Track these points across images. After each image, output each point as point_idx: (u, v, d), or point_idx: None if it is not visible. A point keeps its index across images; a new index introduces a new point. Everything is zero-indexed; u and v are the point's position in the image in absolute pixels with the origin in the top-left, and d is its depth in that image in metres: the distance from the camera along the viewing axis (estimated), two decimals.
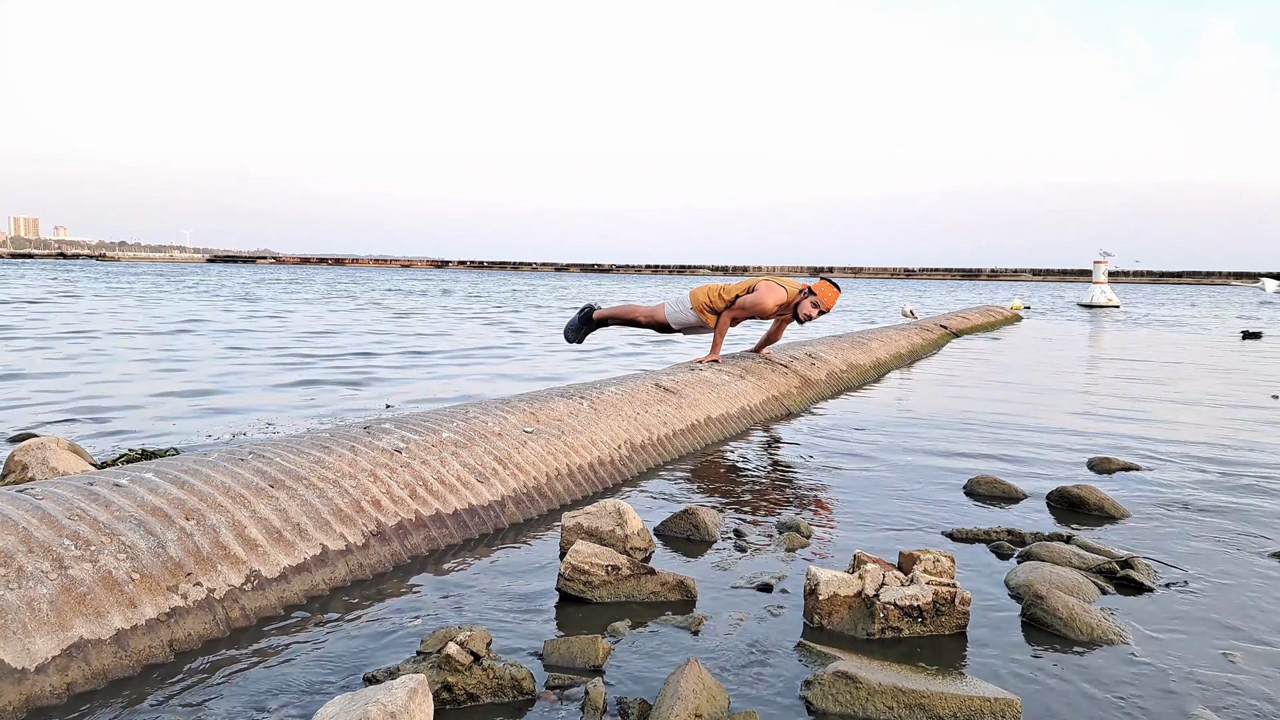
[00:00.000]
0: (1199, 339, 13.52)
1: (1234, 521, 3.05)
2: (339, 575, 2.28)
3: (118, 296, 19.79)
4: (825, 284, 5.44)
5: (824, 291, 5.41)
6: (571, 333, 5.80)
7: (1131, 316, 21.29)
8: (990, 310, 17.94)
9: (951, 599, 2.03)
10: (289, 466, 2.52)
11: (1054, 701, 1.74)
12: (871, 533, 2.86)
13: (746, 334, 10.64)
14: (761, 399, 5.23)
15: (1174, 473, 3.83)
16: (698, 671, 1.65)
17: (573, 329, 5.78)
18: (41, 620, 1.71)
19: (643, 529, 2.63)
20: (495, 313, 17.51)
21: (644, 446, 3.87)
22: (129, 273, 47.40)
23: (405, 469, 2.76)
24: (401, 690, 1.42)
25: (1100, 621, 2.06)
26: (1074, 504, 3.20)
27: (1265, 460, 4.13)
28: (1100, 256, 26.29)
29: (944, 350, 10.58)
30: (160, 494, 2.17)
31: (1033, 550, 2.62)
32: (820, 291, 5.41)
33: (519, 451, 3.21)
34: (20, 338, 9.43)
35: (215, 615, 1.98)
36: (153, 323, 12.17)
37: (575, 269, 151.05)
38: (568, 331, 5.82)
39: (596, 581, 2.22)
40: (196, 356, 8.12)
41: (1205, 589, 2.38)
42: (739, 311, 5.43)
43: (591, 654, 1.85)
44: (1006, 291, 45.66)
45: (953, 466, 3.90)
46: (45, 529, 1.90)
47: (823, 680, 1.71)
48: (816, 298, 5.37)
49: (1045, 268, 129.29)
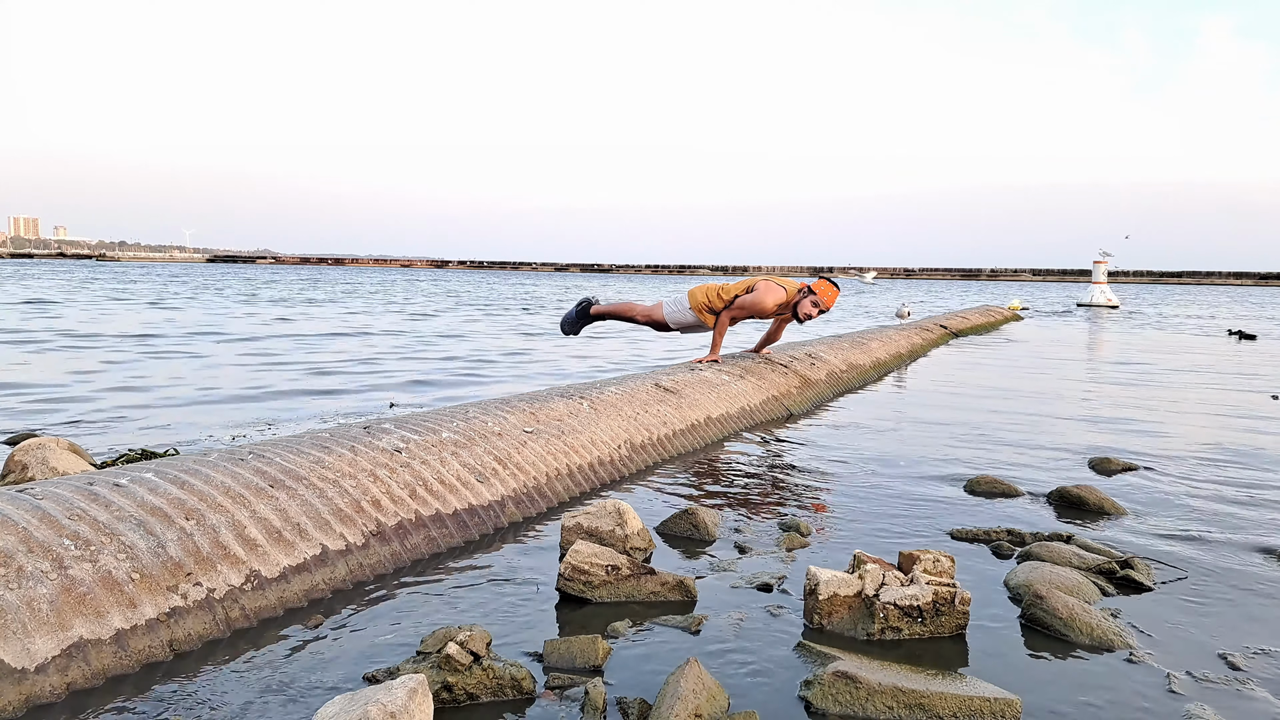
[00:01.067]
0: (1199, 339, 13.52)
1: (1234, 521, 3.05)
2: (339, 575, 2.28)
3: (198, 303, 18.11)
4: (825, 283, 5.44)
5: (824, 291, 5.41)
6: (568, 325, 5.82)
7: (1132, 316, 21.29)
8: (990, 310, 17.94)
9: (951, 599, 2.03)
10: (289, 466, 2.52)
11: (1054, 701, 1.74)
12: (871, 533, 2.86)
13: (746, 335, 10.64)
14: (761, 399, 5.23)
15: (1174, 473, 3.83)
16: (697, 671, 1.65)
17: (569, 321, 5.80)
18: (41, 620, 1.72)
19: (643, 529, 2.63)
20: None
21: (644, 446, 3.87)
22: (154, 274, 46.07)
23: (405, 469, 2.76)
24: (401, 690, 1.42)
25: (1100, 622, 2.06)
26: (1074, 504, 3.20)
27: (1265, 460, 4.13)
28: (1100, 256, 26.27)
29: (944, 350, 10.58)
30: (160, 494, 2.17)
31: (1032, 550, 2.62)
32: (820, 291, 5.41)
33: (519, 451, 3.21)
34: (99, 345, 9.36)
35: (215, 615, 1.98)
36: (302, 333, 11.22)
37: (575, 269, 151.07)
38: (564, 324, 5.84)
39: (596, 581, 2.22)
40: (406, 369, 7.67)
41: (1205, 589, 2.38)
42: (738, 311, 5.43)
43: (591, 654, 1.85)
44: (1007, 291, 45.68)
45: (952, 466, 3.89)
46: (45, 529, 1.90)
47: (822, 680, 1.71)
48: (816, 297, 5.37)
49: (1045, 268, 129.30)
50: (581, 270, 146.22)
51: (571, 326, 5.82)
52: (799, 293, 5.43)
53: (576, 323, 5.80)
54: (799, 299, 5.41)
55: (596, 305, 5.76)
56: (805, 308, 5.38)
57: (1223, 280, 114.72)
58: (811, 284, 5.45)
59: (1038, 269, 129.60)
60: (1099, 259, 26.36)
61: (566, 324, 5.82)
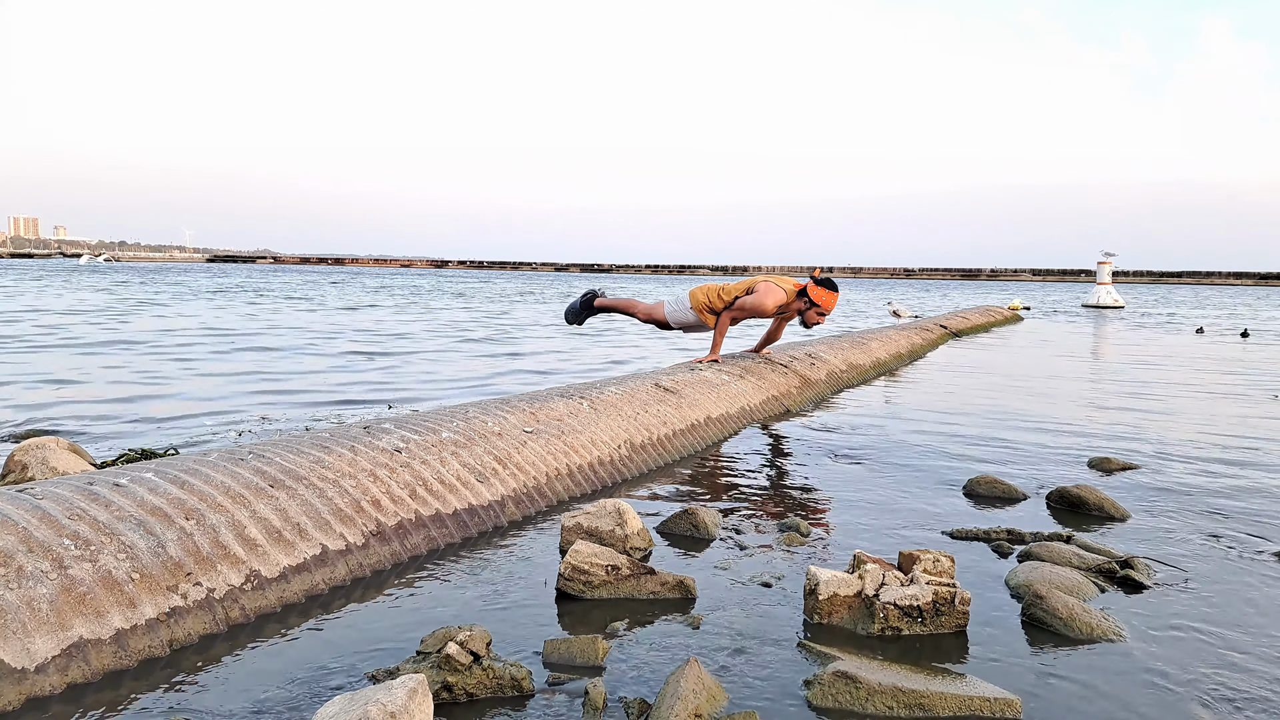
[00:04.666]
0: (1200, 339, 13.52)
1: (1234, 522, 3.05)
2: (339, 575, 2.28)
3: (250, 305, 17.58)
4: (823, 291, 5.48)
5: (825, 300, 5.49)
6: (573, 315, 6.07)
7: (1135, 317, 21.29)
8: (990, 310, 17.94)
9: (951, 599, 2.03)
10: (289, 466, 2.52)
11: (1053, 701, 1.74)
12: (871, 532, 2.86)
13: (748, 335, 10.64)
14: (761, 399, 5.24)
15: (1174, 473, 3.83)
16: (697, 671, 1.65)
17: (574, 312, 6.05)
18: (41, 620, 1.72)
19: (642, 529, 2.63)
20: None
21: (644, 446, 3.87)
22: (154, 273, 46.76)
23: (405, 469, 2.76)
24: (401, 690, 1.42)
25: (1100, 621, 2.06)
26: (1074, 504, 3.19)
27: (1266, 460, 4.13)
28: (1103, 257, 26.25)
29: (944, 350, 10.58)
30: (160, 494, 2.17)
31: (1032, 550, 2.62)
32: (823, 302, 5.49)
33: (519, 451, 3.21)
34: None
35: (215, 615, 1.98)
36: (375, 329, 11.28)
37: (575, 269, 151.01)
38: (568, 314, 6.07)
39: (596, 581, 2.22)
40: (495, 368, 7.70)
41: (1205, 589, 2.38)
42: (738, 312, 5.52)
43: (591, 653, 1.85)
44: (1007, 292, 45.67)
45: (952, 466, 3.89)
46: (45, 529, 1.90)
47: (822, 680, 1.71)
48: (820, 306, 5.49)
49: (1045, 268, 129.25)
50: (581, 270, 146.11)
51: (576, 317, 6.06)
52: (798, 294, 5.50)
53: (580, 313, 6.03)
54: (804, 307, 5.51)
55: (601, 298, 5.96)
56: (811, 317, 5.53)
57: (1223, 280, 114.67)
58: (808, 286, 5.50)
59: (1038, 269, 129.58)
60: (1103, 259, 26.34)
61: (571, 314, 6.07)
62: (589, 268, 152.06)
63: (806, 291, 5.46)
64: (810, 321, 5.56)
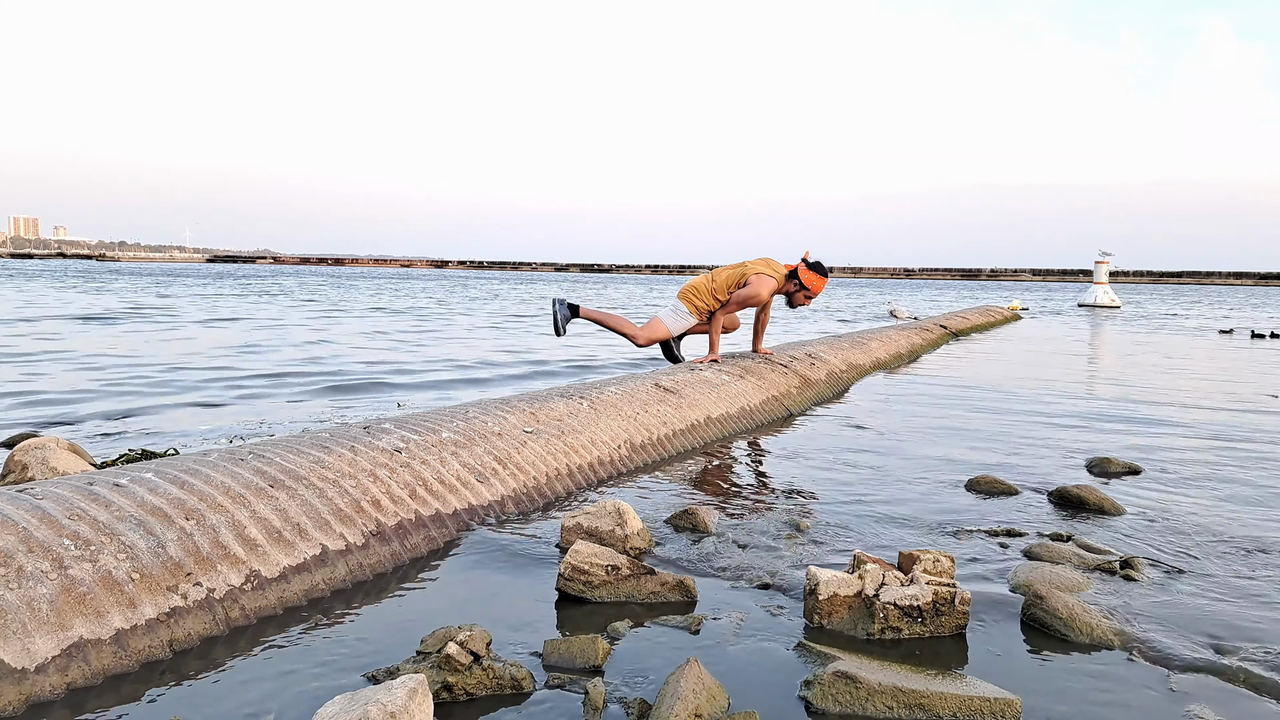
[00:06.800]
0: (1199, 339, 13.52)
1: (1233, 522, 3.05)
2: (339, 575, 2.28)
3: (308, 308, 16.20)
4: (813, 275, 5.61)
5: (814, 284, 5.63)
6: (562, 324, 6.03)
7: (1132, 317, 21.29)
8: (989, 310, 17.94)
9: (951, 599, 2.03)
10: (289, 466, 2.52)
11: (1054, 701, 1.74)
12: (871, 532, 2.86)
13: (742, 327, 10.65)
14: (761, 399, 5.24)
15: (1174, 473, 3.83)
16: (697, 671, 1.65)
17: (564, 320, 6.00)
18: (41, 620, 1.72)
19: (642, 529, 2.63)
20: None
21: (644, 446, 3.87)
22: (190, 276, 44.92)
23: (405, 469, 2.76)
24: (401, 690, 1.42)
25: (1100, 621, 2.06)
26: (1074, 503, 3.20)
27: (1265, 460, 4.13)
28: (1101, 257, 26.26)
29: (943, 350, 10.58)
30: (160, 494, 2.17)
31: (1033, 550, 2.62)
32: (812, 285, 5.63)
33: (519, 451, 3.21)
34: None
35: (215, 615, 1.98)
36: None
37: (575, 269, 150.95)
38: (555, 323, 6.02)
39: (596, 581, 2.22)
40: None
41: (1205, 589, 2.38)
42: (735, 307, 5.70)
43: (591, 654, 1.85)
44: (1006, 292, 45.66)
45: (953, 466, 3.89)
46: (45, 529, 1.90)
47: (823, 680, 1.71)
48: (809, 290, 5.65)
49: (1045, 268, 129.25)
50: (581, 270, 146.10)
51: (561, 327, 6.03)
52: (788, 276, 5.65)
53: (566, 320, 6.02)
54: (793, 289, 5.67)
55: (584, 309, 5.95)
56: (799, 299, 5.72)
57: (1223, 280, 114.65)
58: (799, 268, 5.63)
59: (1038, 269, 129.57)
60: (1100, 259, 26.35)
61: (560, 323, 6.04)
62: (589, 268, 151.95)
63: (797, 273, 5.62)
64: (796, 303, 5.76)
